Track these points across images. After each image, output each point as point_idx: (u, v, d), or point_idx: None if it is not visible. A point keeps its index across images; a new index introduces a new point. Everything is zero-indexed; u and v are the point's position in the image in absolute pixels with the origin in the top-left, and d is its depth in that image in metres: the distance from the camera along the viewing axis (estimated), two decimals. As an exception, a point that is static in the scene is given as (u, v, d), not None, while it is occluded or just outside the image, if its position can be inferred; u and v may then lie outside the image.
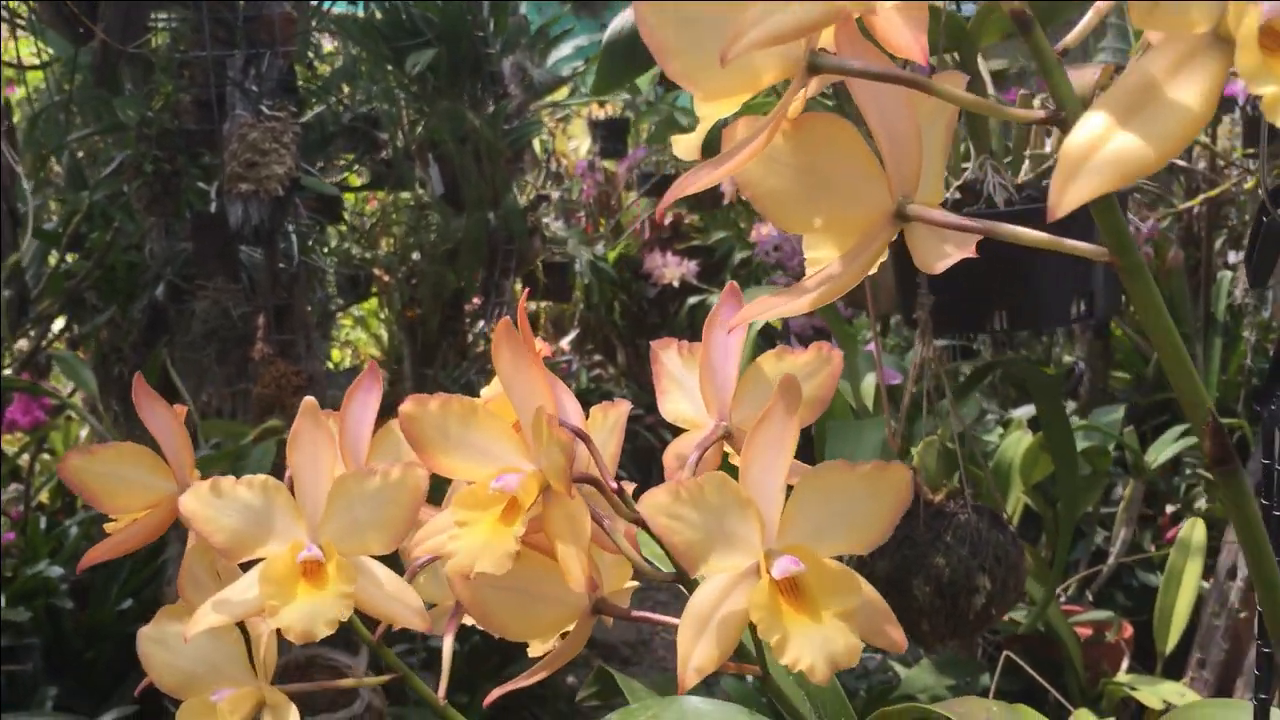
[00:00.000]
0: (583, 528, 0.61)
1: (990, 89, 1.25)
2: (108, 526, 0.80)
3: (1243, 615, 2.52)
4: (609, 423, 0.68)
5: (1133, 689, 1.76)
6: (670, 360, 0.72)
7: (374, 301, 4.00)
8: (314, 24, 2.88)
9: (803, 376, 0.67)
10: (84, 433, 3.14)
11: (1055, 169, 0.44)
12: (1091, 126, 0.44)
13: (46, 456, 3.06)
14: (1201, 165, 3.03)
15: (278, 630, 0.67)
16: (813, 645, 0.55)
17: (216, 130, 2.04)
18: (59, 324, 2.60)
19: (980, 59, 1.22)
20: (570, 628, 0.67)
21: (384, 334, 4.21)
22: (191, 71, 2.10)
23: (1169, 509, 3.22)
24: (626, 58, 1.31)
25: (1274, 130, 2.09)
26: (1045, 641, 1.94)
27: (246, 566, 0.71)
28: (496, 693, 0.69)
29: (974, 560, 1.27)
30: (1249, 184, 2.17)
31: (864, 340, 3.02)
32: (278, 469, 2.04)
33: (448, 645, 0.75)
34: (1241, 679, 2.43)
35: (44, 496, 2.94)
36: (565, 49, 3.73)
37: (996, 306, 1.25)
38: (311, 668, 2.14)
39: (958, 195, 1.25)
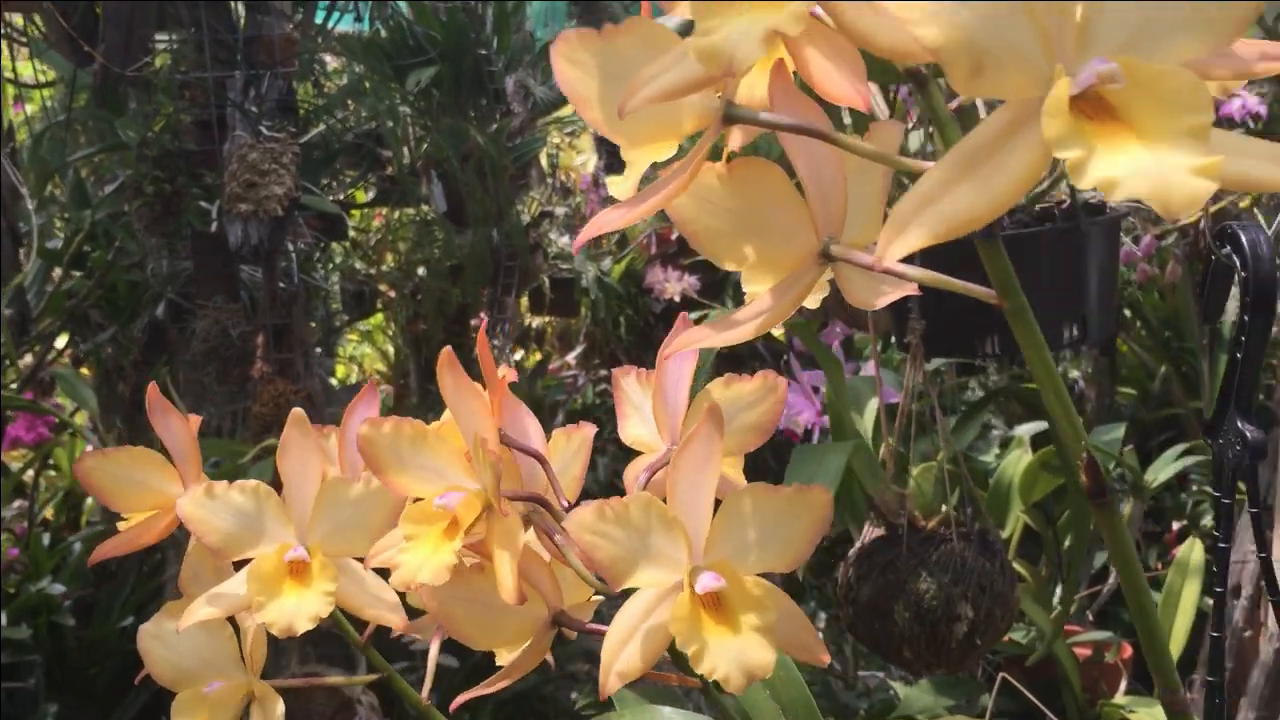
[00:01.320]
0: (514, 543, 0.64)
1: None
2: (120, 525, 0.86)
3: (1247, 634, 2.50)
4: (572, 446, 0.72)
5: (1130, 711, 1.75)
6: (629, 386, 0.75)
7: (379, 317, 4.02)
8: (319, 41, 2.90)
9: (749, 404, 0.71)
10: (88, 449, 3.15)
11: (886, 222, 0.47)
12: (924, 184, 0.47)
13: (51, 473, 3.08)
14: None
15: (282, 638, 0.72)
16: (729, 656, 0.58)
17: (217, 151, 2.05)
18: (61, 341, 2.61)
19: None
20: (530, 639, 0.70)
21: (390, 349, 4.23)
22: (192, 92, 2.11)
23: (1175, 525, 3.20)
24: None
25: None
26: (1044, 662, 1.93)
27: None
28: (462, 698, 0.73)
29: (955, 588, 1.26)
30: (1244, 202, 2.17)
31: (866, 356, 3.02)
32: (276, 486, 2.04)
33: (434, 649, 0.81)
34: (1245, 699, 2.42)
35: (48, 513, 2.96)
36: (569, 66, 3.73)
37: (989, 331, 1.25)
38: (309, 688, 2.14)
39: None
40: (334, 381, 3.49)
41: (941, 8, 0.43)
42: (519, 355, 4.22)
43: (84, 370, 2.76)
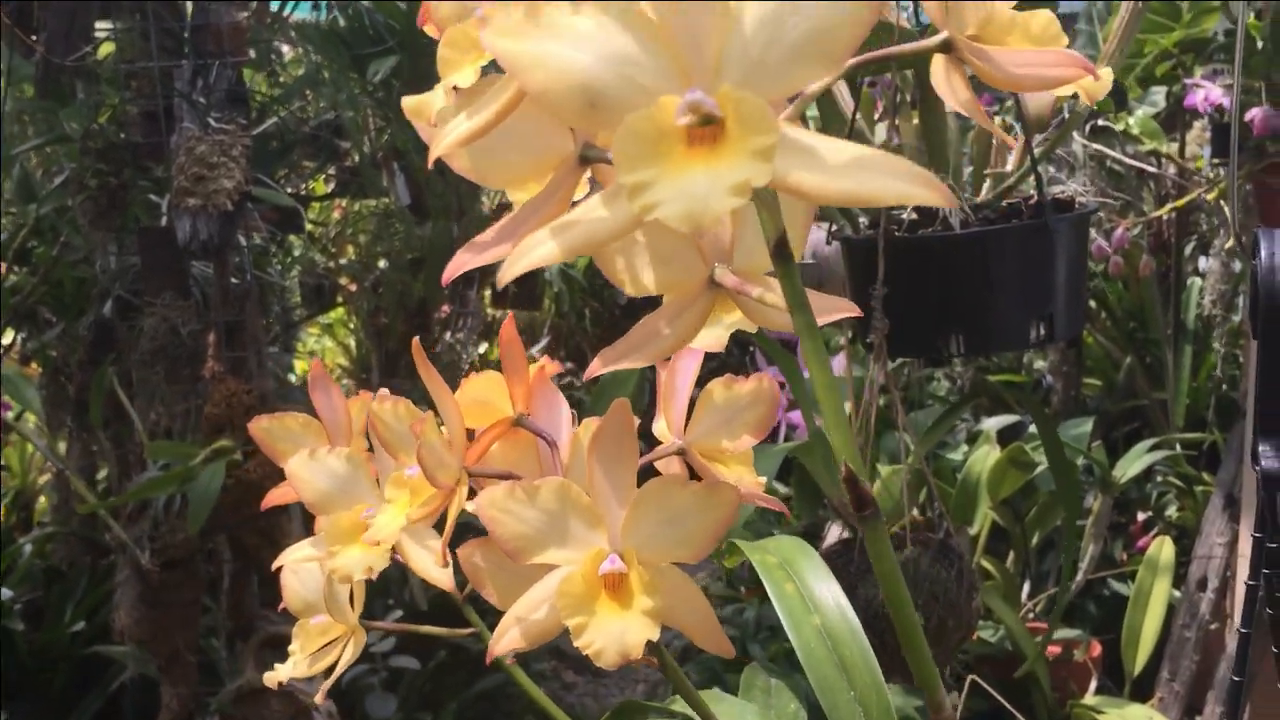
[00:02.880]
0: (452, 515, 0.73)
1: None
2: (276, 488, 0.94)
3: (1214, 627, 2.50)
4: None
5: (1100, 712, 1.73)
6: (662, 384, 0.79)
7: (340, 310, 3.96)
8: (275, 29, 2.83)
9: (745, 405, 0.76)
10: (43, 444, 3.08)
11: (508, 259, 0.51)
12: (548, 228, 0.51)
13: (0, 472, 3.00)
14: (1171, 171, 3.01)
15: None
16: (609, 635, 0.63)
17: (164, 143, 1.99)
18: (7, 339, 2.54)
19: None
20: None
21: (351, 343, 4.17)
22: (138, 82, 2.05)
23: (1140, 516, 3.20)
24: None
25: (1243, 143, 2.07)
26: (1013, 661, 1.91)
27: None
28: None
29: None
30: (1211, 195, 2.15)
31: (835, 348, 3.00)
32: (228, 491, 1.98)
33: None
34: (1212, 692, 2.41)
35: (-2, 512, 2.89)
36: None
37: (953, 330, 1.22)
38: (266, 692, 2.09)
39: (914, 216, 1.22)
40: (293, 378, 3.42)
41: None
42: (483, 348, 4.17)
43: (33, 366, 2.69)
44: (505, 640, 0.68)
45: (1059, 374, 3.41)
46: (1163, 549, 1.89)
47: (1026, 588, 2.29)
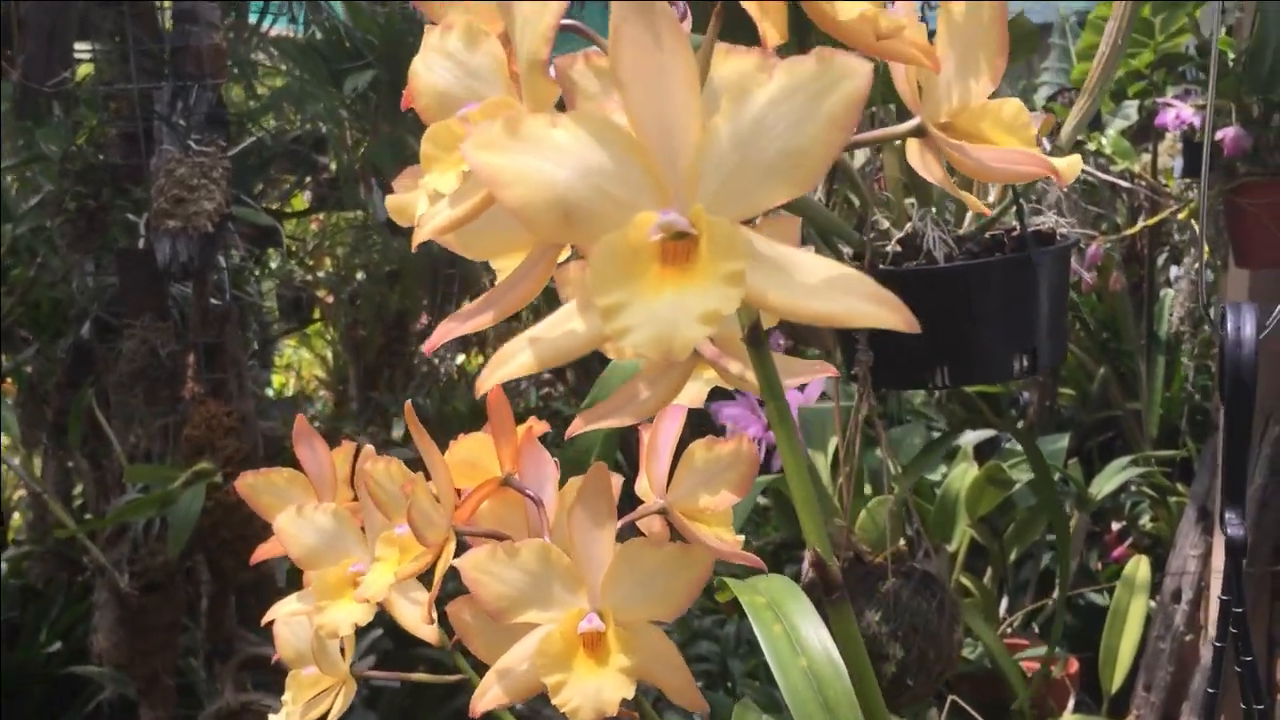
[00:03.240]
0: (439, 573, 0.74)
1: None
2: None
3: (1188, 638, 2.53)
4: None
5: (1077, 731, 1.75)
6: (645, 442, 0.81)
7: (318, 323, 3.94)
8: (254, 44, 2.82)
9: (725, 465, 0.78)
10: (15, 460, 3.06)
11: (489, 360, 0.53)
12: (521, 338, 0.53)
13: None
14: (1143, 184, 3.04)
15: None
16: (586, 694, 0.65)
17: (143, 164, 1.98)
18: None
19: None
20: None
21: (329, 354, 4.15)
22: (117, 104, 2.04)
23: (1115, 526, 3.23)
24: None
25: (1215, 161, 2.10)
26: (991, 679, 1.92)
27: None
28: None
29: (885, 627, 1.25)
30: (1182, 214, 2.18)
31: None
32: (207, 513, 1.97)
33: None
34: (1187, 703, 2.44)
35: (-28, 532, 2.86)
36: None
37: (938, 362, 1.23)
38: (245, 713, 2.09)
39: (899, 249, 1.23)
40: (270, 392, 3.41)
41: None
42: (460, 359, 4.16)
43: (9, 384, 2.67)
44: (488, 698, 0.69)
45: (1035, 385, 3.44)
46: (1139, 568, 1.91)
47: (1004, 603, 2.31)
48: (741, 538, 0.79)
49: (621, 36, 0.46)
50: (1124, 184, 2.87)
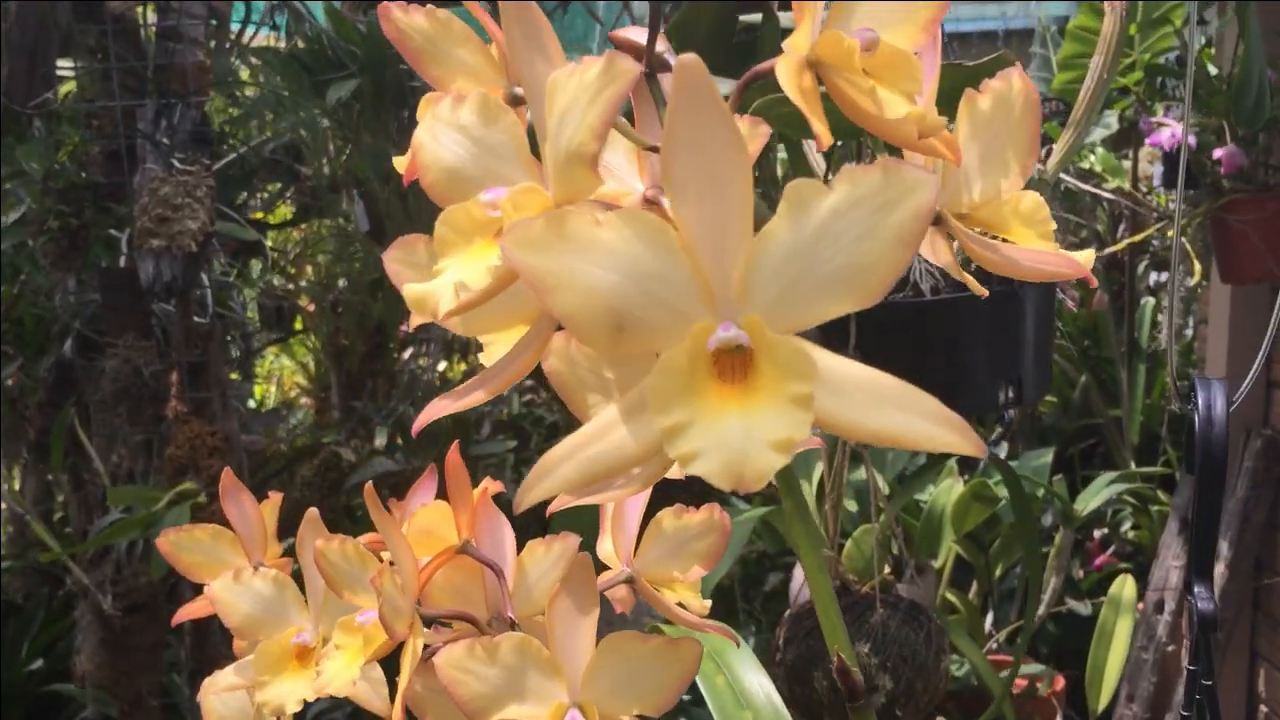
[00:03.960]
0: (409, 664, 0.69)
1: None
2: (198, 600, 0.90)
3: (1170, 649, 2.54)
4: (550, 556, 0.74)
5: (1064, 750, 1.76)
6: (610, 506, 0.78)
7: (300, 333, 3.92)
8: (234, 57, 2.80)
9: (696, 535, 0.76)
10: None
11: (531, 471, 0.48)
12: (563, 447, 0.49)
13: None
14: (1125, 197, 3.06)
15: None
16: None
17: (126, 182, 1.97)
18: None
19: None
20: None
21: (310, 362, 4.13)
22: (100, 122, 2.02)
23: (1097, 534, 3.25)
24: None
25: (1202, 179, 2.11)
26: (978, 696, 1.93)
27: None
28: None
29: (874, 658, 1.25)
30: (1170, 231, 2.19)
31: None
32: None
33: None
34: (1170, 714, 2.46)
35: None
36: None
37: (930, 389, 1.23)
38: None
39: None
40: (252, 403, 3.39)
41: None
42: (443, 366, 4.15)
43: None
44: None
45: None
46: (1124, 587, 1.92)
47: (990, 619, 2.31)
48: (708, 603, 0.77)
49: (678, 137, 0.44)
50: (1106, 194, 2.89)
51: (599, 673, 0.64)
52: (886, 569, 1.35)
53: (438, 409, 0.55)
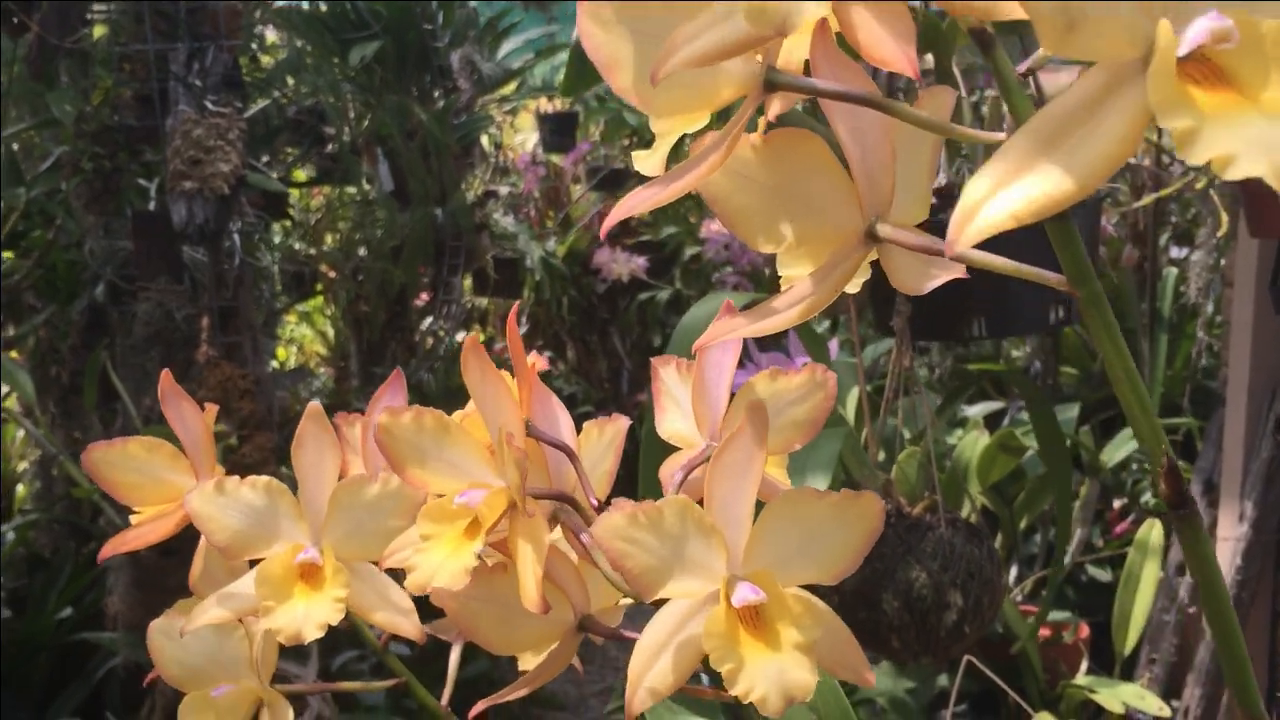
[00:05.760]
0: (539, 544, 0.60)
1: (962, 90, 1.23)
2: (133, 519, 0.81)
3: (1191, 610, 2.54)
4: (604, 440, 0.68)
5: (1092, 691, 1.76)
6: (669, 377, 0.70)
7: (319, 298, 3.94)
8: (258, 16, 2.81)
9: (795, 399, 0.67)
10: (20, 435, 3.05)
11: (959, 203, 0.42)
12: (1001, 159, 0.42)
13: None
14: (1146, 162, 3.05)
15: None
16: (767, 677, 0.54)
17: (158, 126, 1.97)
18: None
19: (955, 59, 1.20)
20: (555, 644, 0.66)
21: (329, 331, 4.15)
22: (132, 65, 2.03)
23: (1117, 504, 3.25)
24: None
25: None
26: (1004, 643, 1.93)
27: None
28: (481, 705, 0.68)
29: (945, 575, 1.24)
30: (1200, 183, 2.18)
31: (844, 337, 3.01)
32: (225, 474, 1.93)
33: (454, 656, 0.76)
34: (1192, 674, 2.45)
35: (-23, 502, 2.86)
36: (515, 42, 3.68)
37: (975, 314, 1.23)
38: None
39: (933, 200, 1.23)
40: (274, 364, 3.40)
41: None
42: (460, 336, 4.17)
43: (14, 355, 2.66)
44: (640, 697, 0.57)
45: (1040, 360, 3.45)
46: (1152, 531, 1.92)
47: (1014, 571, 2.31)
48: (786, 482, 0.69)
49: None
50: (1130, 159, 2.88)
51: (768, 537, 0.58)
52: (937, 493, 1.35)
53: (633, 203, 0.51)
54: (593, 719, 3.18)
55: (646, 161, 0.55)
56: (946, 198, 1.22)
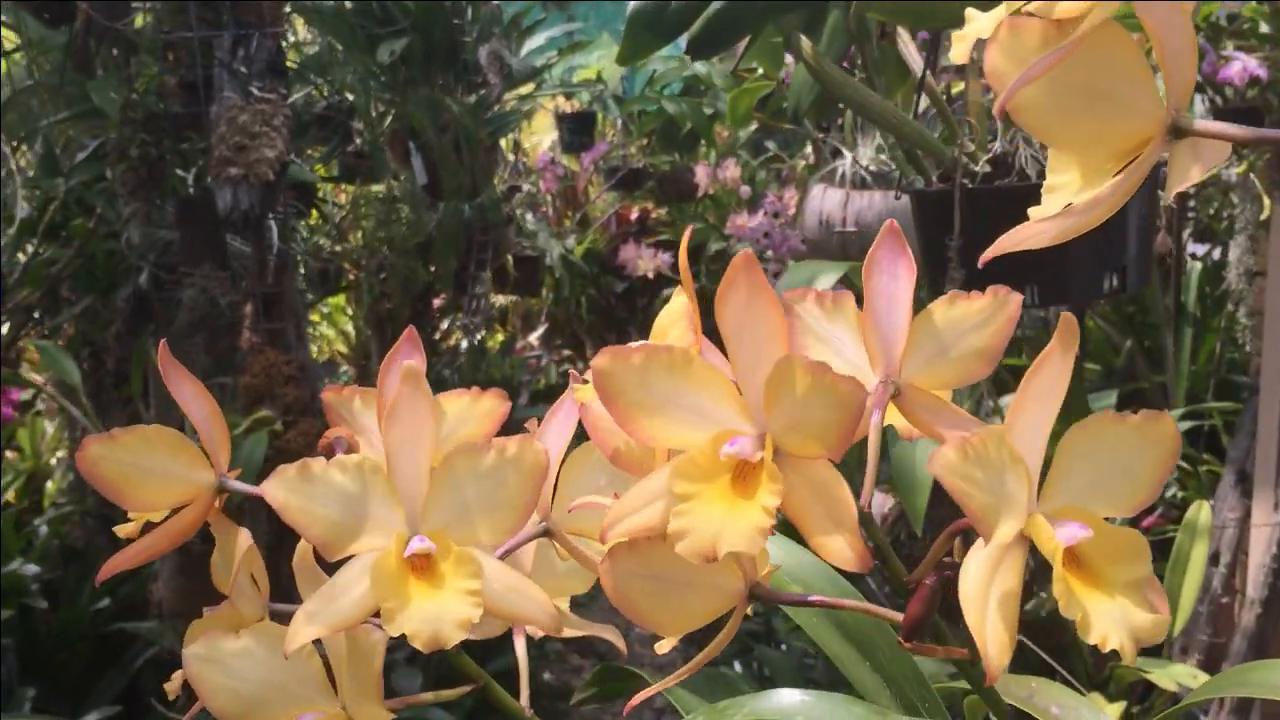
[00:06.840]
0: (842, 501, 0.55)
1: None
2: (120, 530, 0.71)
3: (1224, 600, 2.54)
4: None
5: (1145, 671, 1.76)
6: (808, 313, 0.63)
7: (341, 297, 3.94)
8: (286, 11, 2.83)
9: (976, 325, 0.61)
10: (50, 428, 3.06)
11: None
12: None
13: (11, 455, 2.98)
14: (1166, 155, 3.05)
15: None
16: (1115, 621, 0.51)
17: (203, 113, 1.99)
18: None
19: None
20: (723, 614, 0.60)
21: (351, 329, 4.15)
22: (176, 53, 2.04)
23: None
24: (650, 29, 1.30)
25: (1256, 111, 2.10)
26: (1051, 624, 1.93)
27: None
28: (641, 696, 0.63)
29: None
30: (1240, 168, 2.18)
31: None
32: (270, 460, 1.96)
33: (520, 650, 0.70)
34: (1227, 662, 2.45)
35: (10, 496, 2.86)
36: (538, 40, 3.70)
37: (1028, 281, 1.23)
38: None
39: (988, 168, 1.24)
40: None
41: None
42: (480, 334, 4.17)
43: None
44: (995, 651, 0.52)
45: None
46: (1200, 512, 1.92)
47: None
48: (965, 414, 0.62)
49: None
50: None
51: (1070, 468, 0.54)
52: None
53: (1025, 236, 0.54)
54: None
55: (1054, 201, 0.57)
56: (1001, 165, 1.23)
